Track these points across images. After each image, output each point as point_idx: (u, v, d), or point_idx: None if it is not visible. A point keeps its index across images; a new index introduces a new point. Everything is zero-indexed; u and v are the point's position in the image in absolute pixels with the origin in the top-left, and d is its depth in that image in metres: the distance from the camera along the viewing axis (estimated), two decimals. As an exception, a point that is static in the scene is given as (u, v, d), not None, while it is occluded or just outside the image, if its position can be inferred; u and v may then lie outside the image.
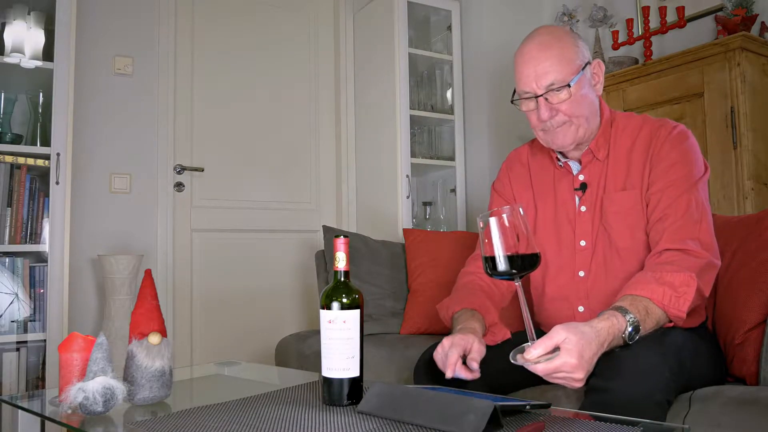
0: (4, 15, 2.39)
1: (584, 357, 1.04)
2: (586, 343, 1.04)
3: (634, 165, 1.39)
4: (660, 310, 1.18)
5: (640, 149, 1.39)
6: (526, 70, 1.35)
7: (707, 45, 2.21)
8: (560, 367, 1.02)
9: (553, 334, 1.05)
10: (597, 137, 1.42)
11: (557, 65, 1.33)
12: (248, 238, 3.21)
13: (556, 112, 1.36)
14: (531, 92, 1.36)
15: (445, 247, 2.33)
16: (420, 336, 2.15)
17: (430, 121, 3.18)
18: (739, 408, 1.14)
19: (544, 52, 1.34)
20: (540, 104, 1.35)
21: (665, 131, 1.37)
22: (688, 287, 1.19)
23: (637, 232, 1.36)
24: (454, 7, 3.19)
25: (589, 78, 1.39)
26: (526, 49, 1.37)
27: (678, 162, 1.34)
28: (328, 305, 1.13)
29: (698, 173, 1.35)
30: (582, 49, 1.38)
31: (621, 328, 1.12)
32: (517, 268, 1.09)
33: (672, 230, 1.28)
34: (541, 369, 1.03)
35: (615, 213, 1.38)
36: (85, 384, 1.11)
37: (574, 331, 1.05)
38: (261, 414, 1.09)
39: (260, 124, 3.28)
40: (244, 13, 3.28)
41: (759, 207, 2.07)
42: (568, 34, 1.39)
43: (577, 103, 1.35)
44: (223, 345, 3.04)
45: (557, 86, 1.33)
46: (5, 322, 2.20)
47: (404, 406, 1.01)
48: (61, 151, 2.30)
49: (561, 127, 1.37)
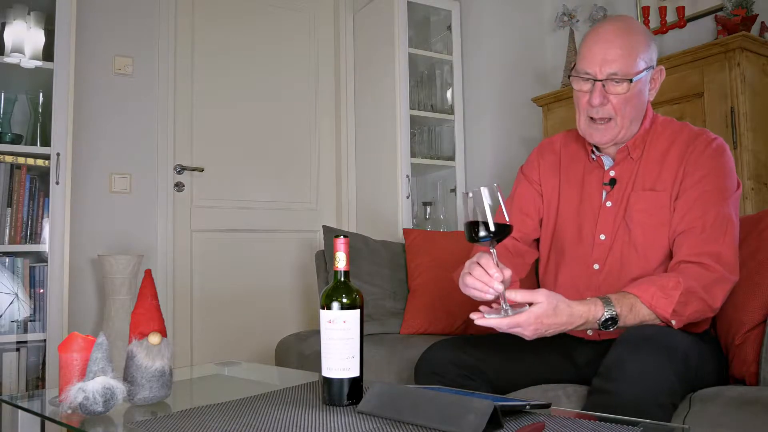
0: (4, 15, 2.39)
1: (543, 323, 1.14)
2: (551, 314, 1.14)
3: (666, 168, 1.38)
4: (646, 309, 1.22)
5: (675, 154, 1.38)
6: (595, 49, 1.34)
7: (707, 45, 2.21)
8: (519, 323, 1.13)
9: (535, 293, 1.15)
10: (635, 138, 1.42)
11: (626, 57, 1.32)
12: (248, 238, 3.21)
13: (607, 102, 1.35)
14: (592, 74, 1.35)
15: (445, 247, 2.33)
16: (420, 336, 2.15)
17: (430, 121, 3.18)
18: (740, 408, 1.14)
19: (618, 39, 1.33)
20: (596, 88, 1.35)
21: (704, 141, 1.37)
22: (674, 290, 1.22)
23: (658, 233, 1.36)
24: (454, 7, 3.19)
25: (647, 81, 1.39)
26: (602, 29, 1.36)
27: (712, 174, 1.33)
28: (328, 305, 1.13)
29: (731, 188, 1.34)
30: (653, 50, 1.38)
31: (597, 316, 1.19)
32: (492, 234, 1.17)
33: (691, 243, 1.29)
34: (506, 323, 1.13)
35: (640, 211, 1.38)
36: (85, 384, 1.11)
37: (550, 300, 1.15)
38: (261, 414, 1.09)
39: (260, 124, 3.28)
40: (244, 13, 3.28)
41: (759, 207, 2.07)
42: (645, 31, 1.39)
43: (629, 102, 1.35)
44: (223, 345, 3.04)
45: (619, 77, 1.33)
46: (5, 322, 2.20)
47: (404, 406, 1.01)
48: (61, 151, 2.30)
49: (605, 124, 1.38)
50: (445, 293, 2.21)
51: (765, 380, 1.32)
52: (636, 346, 1.14)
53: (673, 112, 2.30)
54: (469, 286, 1.25)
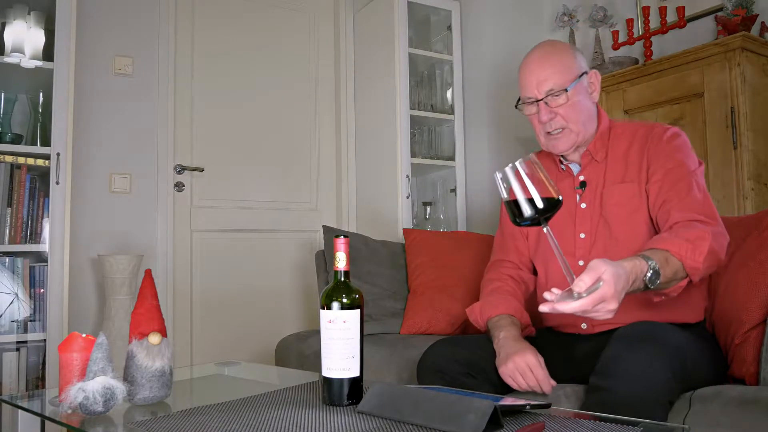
0: (4, 15, 2.39)
1: (617, 288, 1.07)
2: (619, 276, 1.08)
3: (631, 162, 1.48)
4: (677, 261, 1.22)
5: (637, 147, 1.48)
6: (529, 77, 1.49)
7: (707, 45, 2.20)
8: (603, 296, 1.05)
9: (595, 267, 1.07)
10: (595, 140, 1.52)
11: (557, 73, 1.46)
12: (248, 238, 3.21)
13: (555, 115, 1.47)
14: (533, 97, 1.49)
15: (445, 247, 2.33)
16: (420, 336, 2.15)
17: (430, 121, 3.18)
18: (739, 408, 1.14)
19: (545, 62, 1.48)
20: (540, 108, 1.48)
21: (660, 130, 1.48)
22: (702, 240, 1.24)
23: (636, 222, 1.44)
24: (454, 7, 3.19)
25: (586, 86, 1.51)
26: (529, 59, 1.52)
27: (673, 153, 1.43)
28: (328, 305, 1.13)
29: (693, 164, 1.43)
30: (579, 60, 1.51)
31: (643, 270, 1.16)
32: (539, 212, 1.09)
33: (678, 207, 1.35)
34: (589, 300, 1.05)
35: (614, 204, 1.46)
36: (85, 384, 1.11)
37: (609, 263, 1.08)
38: (261, 414, 1.09)
39: (260, 124, 3.28)
40: (244, 12, 3.28)
41: (759, 207, 2.07)
42: (568, 47, 1.54)
43: (573, 108, 1.47)
44: (223, 345, 3.04)
45: (556, 91, 1.46)
46: (5, 322, 2.20)
47: (404, 406, 1.01)
48: (61, 151, 2.30)
49: (560, 133, 1.49)
50: (445, 293, 2.21)
51: (765, 380, 1.32)
52: (632, 343, 1.15)
53: (673, 112, 2.30)
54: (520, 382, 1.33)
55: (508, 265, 1.65)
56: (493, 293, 1.58)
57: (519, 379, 1.33)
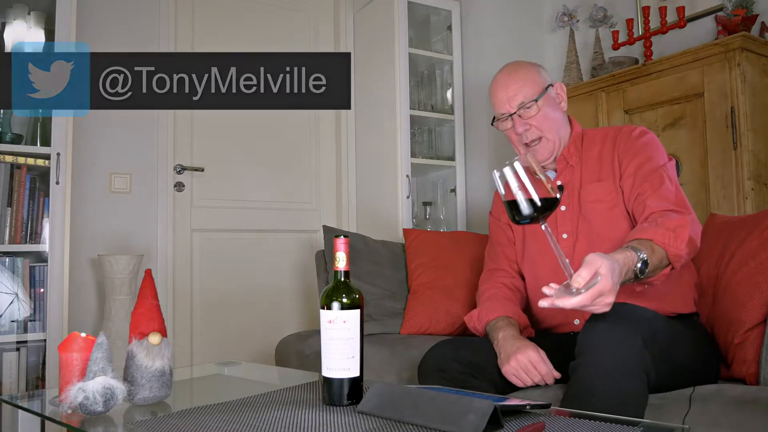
0: (4, 15, 2.39)
1: (613, 281, 1.09)
2: (614, 269, 1.11)
3: (604, 161, 1.55)
4: (661, 249, 1.26)
5: (608, 148, 1.56)
6: (500, 94, 1.59)
7: (707, 45, 2.20)
8: (602, 290, 1.07)
9: (591, 261, 1.09)
10: (569, 146, 1.60)
11: (524, 87, 1.56)
12: (248, 238, 3.21)
13: (529, 126, 1.56)
14: (506, 112, 1.58)
15: (445, 247, 2.33)
16: (420, 336, 2.15)
17: (430, 121, 3.18)
18: (739, 408, 1.14)
19: (512, 77, 1.59)
20: (515, 120, 1.57)
21: (628, 129, 1.57)
22: (683, 228, 1.29)
23: (615, 217, 1.50)
24: (454, 7, 3.19)
25: (553, 97, 1.60)
26: (497, 79, 1.63)
27: (642, 150, 1.51)
28: (328, 305, 1.13)
29: (663, 158, 1.50)
30: (543, 74, 1.62)
31: (633, 261, 1.20)
32: (538, 211, 1.11)
33: (653, 199, 1.41)
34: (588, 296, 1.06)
35: (592, 202, 1.53)
36: (85, 384, 1.11)
37: (605, 257, 1.11)
38: (261, 414, 1.09)
39: (260, 124, 3.28)
40: (244, 12, 3.28)
41: (759, 207, 2.07)
42: (531, 64, 1.65)
43: (545, 118, 1.56)
44: (223, 345, 3.04)
45: (527, 102, 1.55)
46: (5, 322, 2.20)
47: (404, 406, 1.01)
48: (61, 151, 2.30)
49: (538, 143, 1.57)
50: (445, 293, 2.21)
51: (765, 380, 1.32)
52: (602, 320, 1.18)
53: (673, 112, 2.30)
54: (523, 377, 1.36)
55: (501, 273, 1.69)
56: (490, 299, 1.62)
57: (523, 376, 1.35)
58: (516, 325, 1.51)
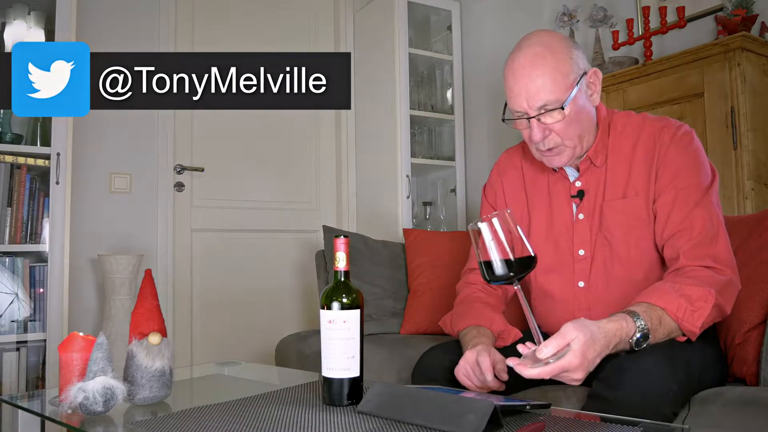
0: (4, 15, 2.39)
1: (587, 357, 1.02)
2: (591, 343, 1.02)
3: (636, 171, 1.32)
4: (673, 322, 1.14)
5: (642, 153, 1.32)
6: (517, 87, 1.28)
7: (707, 45, 2.20)
8: (565, 367, 1.01)
9: (565, 333, 1.02)
10: (595, 144, 1.36)
11: (550, 83, 1.25)
12: (248, 238, 3.21)
13: (549, 132, 1.29)
14: (523, 112, 1.29)
15: (445, 247, 2.33)
16: (420, 336, 2.15)
17: (430, 121, 3.18)
18: (740, 409, 1.13)
19: (536, 68, 1.26)
20: (532, 125, 1.29)
21: (669, 133, 1.30)
22: (705, 302, 1.14)
23: (642, 241, 1.31)
24: (454, 7, 3.19)
25: (585, 90, 1.31)
26: (516, 63, 1.29)
27: (685, 168, 1.27)
28: (328, 305, 1.13)
29: (707, 180, 1.28)
30: (577, 59, 1.29)
31: (629, 333, 1.09)
32: (514, 272, 1.08)
33: (688, 248, 1.23)
34: (550, 369, 1.01)
35: (617, 222, 1.32)
36: (85, 384, 1.11)
37: (583, 330, 1.02)
38: (261, 414, 1.09)
39: (260, 124, 3.28)
40: (244, 12, 3.28)
41: (759, 207, 2.07)
42: (563, 43, 1.30)
43: (571, 124, 1.28)
44: (223, 345, 3.04)
45: (551, 107, 1.26)
46: (5, 322, 2.20)
47: (404, 406, 1.01)
48: (61, 151, 2.30)
49: (556, 148, 1.32)
50: (445, 293, 2.20)
51: (765, 380, 1.32)
52: (637, 353, 1.11)
53: (673, 112, 2.30)
54: (460, 375, 1.24)
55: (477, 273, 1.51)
56: (463, 303, 1.49)
57: (466, 381, 1.24)
58: (487, 333, 1.35)
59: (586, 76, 1.32)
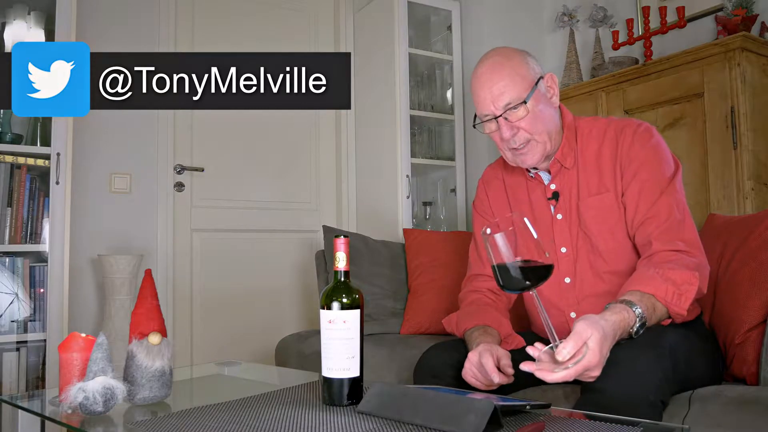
0: (4, 15, 2.39)
1: (602, 353, 1.05)
2: (604, 339, 1.06)
3: (604, 168, 1.41)
4: (663, 307, 1.20)
5: (607, 153, 1.41)
6: (482, 92, 1.39)
7: (707, 45, 2.20)
8: (587, 366, 1.04)
9: (581, 332, 1.04)
10: (562, 146, 1.44)
11: (511, 84, 1.37)
12: (248, 238, 3.21)
13: (517, 130, 1.38)
14: (490, 114, 1.39)
15: (445, 247, 2.33)
16: (420, 336, 2.15)
17: (430, 121, 3.18)
18: (740, 408, 1.14)
19: (496, 73, 1.38)
20: (501, 124, 1.39)
21: (630, 131, 1.40)
22: (690, 285, 1.21)
23: (618, 233, 1.39)
24: (454, 7, 3.19)
25: (544, 92, 1.41)
26: (479, 73, 1.41)
27: (647, 162, 1.37)
28: (328, 305, 1.13)
29: (669, 171, 1.37)
30: (532, 64, 1.42)
31: (630, 322, 1.14)
32: (530, 280, 1.09)
33: (659, 233, 1.30)
34: (573, 371, 1.03)
35: (593, 217, 1.40)
36: (85, 384, 1.11)
37: (596, 327, 1.06)
38: (261, 414, 1.09)
39: (260, 124, 3.28)
40: (244, 13, 3.28)
41: (759, 207, 2.07)
42: (518, 53, 1.43)
43: (535, 119, 1.38)
44: (223, 345, 3.04)
45: (514, 104, 1.36)
46: (5, 322, 2.20)
47: (404, 406, 1.01)
48: (61, 151, 2.30)
49: (526, 146, 1.40)
50: (445, 293, 2.21)
51: (765, 380, 1.32)
52: (625, 345, 1.15)
53: (673, 112, 2.30)
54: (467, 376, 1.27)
55: (484, 278, 1.56)
56: (471, 305, 1.52)
57: (474, 382, 1.27)
58: (494, 334, 1.39)
59: (543, 80, 1.42)
